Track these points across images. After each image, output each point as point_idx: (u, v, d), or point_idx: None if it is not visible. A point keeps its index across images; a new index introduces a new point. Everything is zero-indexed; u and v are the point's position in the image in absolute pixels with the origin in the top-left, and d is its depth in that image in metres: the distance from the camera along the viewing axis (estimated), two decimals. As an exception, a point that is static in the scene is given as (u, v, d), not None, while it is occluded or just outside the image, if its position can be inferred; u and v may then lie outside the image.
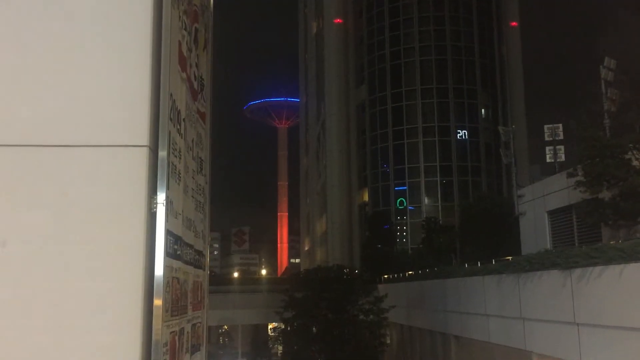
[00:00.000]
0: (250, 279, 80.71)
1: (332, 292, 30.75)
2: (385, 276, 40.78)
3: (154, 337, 2.71)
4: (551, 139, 32.57)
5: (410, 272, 35.41)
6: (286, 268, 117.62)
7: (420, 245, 47.37)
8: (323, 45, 73.32)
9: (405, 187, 62.08)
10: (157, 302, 2.74)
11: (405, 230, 60.62)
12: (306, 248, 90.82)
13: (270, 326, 46.42)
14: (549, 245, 23.76)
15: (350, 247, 64.54)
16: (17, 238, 2.67)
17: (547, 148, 33.05)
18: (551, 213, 24.98)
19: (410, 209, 61.37)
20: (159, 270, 2.76)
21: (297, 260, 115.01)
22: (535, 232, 26.23)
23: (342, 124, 68.47)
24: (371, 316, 31.50)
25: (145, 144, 2.80)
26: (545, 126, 32.98)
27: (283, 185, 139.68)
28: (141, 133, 2.81)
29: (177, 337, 3.16)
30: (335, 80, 69.49)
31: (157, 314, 2.74)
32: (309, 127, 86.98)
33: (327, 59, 70.84)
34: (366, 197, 65.65)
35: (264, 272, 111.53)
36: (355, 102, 68.55)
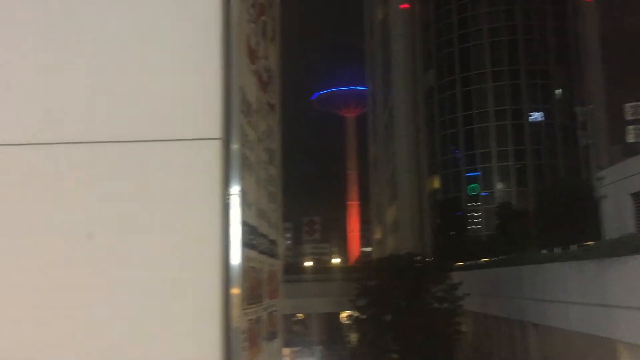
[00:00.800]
0: (322, 268, 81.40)
1: (404, 281, 30.56)
2: (459, 263, 40.16)
3: (233, 325, 2.77)
4: (634, 117, 30.96)
5: (484, 259, 34.71)
6: (358, 257, 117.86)
7: (494, 232, 46.31)
8: (389, 32, 72.53)
9: (478, 173, 60.74)
10: (235, 290, 2.80)
11: (478, 217, 59.38)
12: (377, 236, 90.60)
13: (343, 314, 46.74)
14: (633, 229, 22.68)
15: (422, 234, 63.91)
16: (101, 230, 2.80)
17: (629, 127, 31.45)
18: (635, 195, 23.84)
19: (482, 195, 60.03)
20: (235, 259, 2.82)
21: (369, 249, 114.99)
22: (617, 216, 25.11)
23: (410, 110, 67.65)
24: (445, 304, 31.10)
25: (218, 136, 2.86)
26: (627, 105, 31.40)
27: (352, 174, 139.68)
28: (214, 126, 2.87)
29: (254, 325, 3.22)
30: (402, 67, 68.67)
31: (235, 302, 2.80)
32: (377, 115, 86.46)
33: (394, 45, 70.06)
34: (436, 184, 64.71)
35: (335, 260, 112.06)
36: (423, 88, 67.50)
